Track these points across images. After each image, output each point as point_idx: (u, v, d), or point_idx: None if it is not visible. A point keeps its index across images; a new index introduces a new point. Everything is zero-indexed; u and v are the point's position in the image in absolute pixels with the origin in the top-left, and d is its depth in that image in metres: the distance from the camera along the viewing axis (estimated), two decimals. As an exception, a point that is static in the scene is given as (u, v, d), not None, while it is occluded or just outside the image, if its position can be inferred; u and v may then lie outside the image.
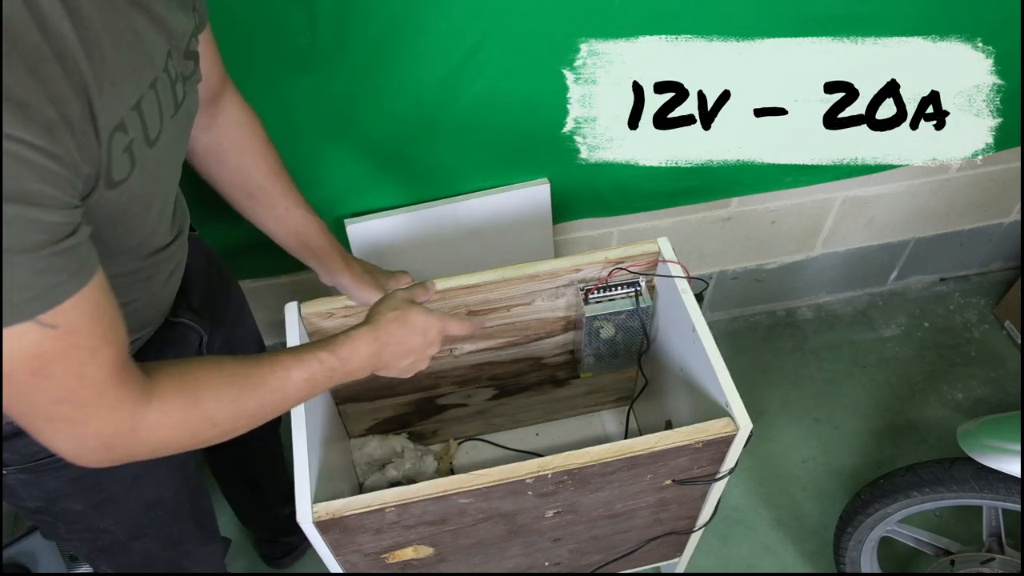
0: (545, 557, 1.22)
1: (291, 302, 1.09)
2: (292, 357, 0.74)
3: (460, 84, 1.15)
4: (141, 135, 0.63)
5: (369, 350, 0.81)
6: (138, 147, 0.63)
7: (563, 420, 1.58)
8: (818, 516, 1.61)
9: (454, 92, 1.16)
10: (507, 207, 1.36)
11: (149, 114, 0.64)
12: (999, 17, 1.22)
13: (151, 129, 0.65)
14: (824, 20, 1.17)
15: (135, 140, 0.62)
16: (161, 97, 0.66)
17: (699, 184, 1.44)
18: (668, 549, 1.33)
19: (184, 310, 0.91)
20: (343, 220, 1.34)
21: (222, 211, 0.97)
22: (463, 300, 1.15)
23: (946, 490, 1.17)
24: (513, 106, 1.21)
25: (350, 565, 1.05)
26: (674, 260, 1.13)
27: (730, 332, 1.91)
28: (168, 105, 0.68)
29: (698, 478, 1.07)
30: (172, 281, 0.85)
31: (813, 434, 1.73)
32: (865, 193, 1.63)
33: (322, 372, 0.76)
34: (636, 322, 1.21)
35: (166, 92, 0.67)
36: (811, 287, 1.91)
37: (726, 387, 1.01)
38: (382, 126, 1.20)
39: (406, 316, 0.86)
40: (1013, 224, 1.85)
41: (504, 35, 1.10)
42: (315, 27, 1.03)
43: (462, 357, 1.28)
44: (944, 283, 1.99)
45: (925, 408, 1.76)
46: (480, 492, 0.95)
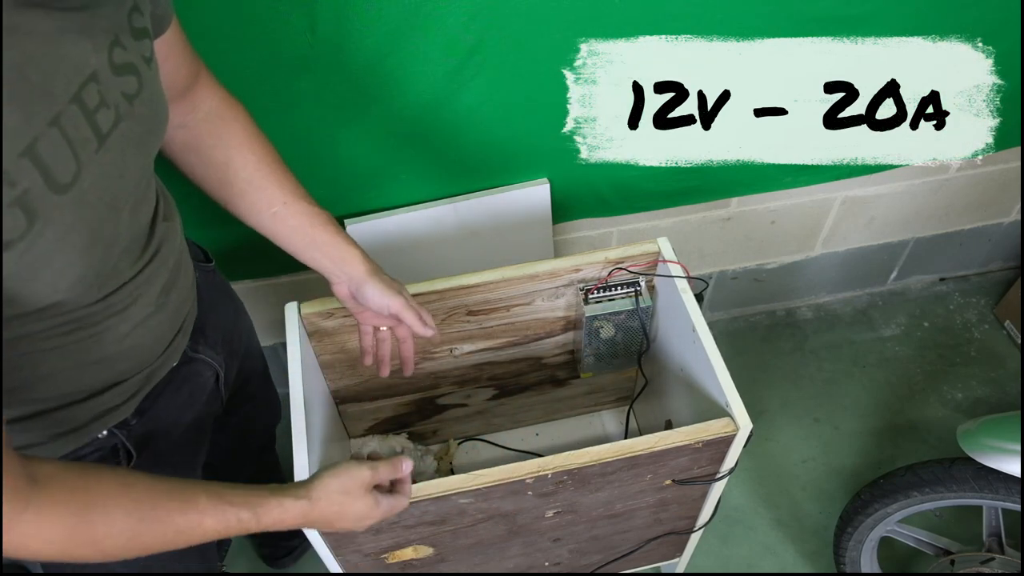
0: (545, 557, 1.22)
1: (291, 302, 1.09)
2: (210, 504, 0.67)
3: (460, 84, 1.15)
4: (40, 183, 0.55)
5: (294, 522, 0.75)
6: (38, 197, 0.55)
7: (563, 420, 1.58)
8: (818, 516, 1.61)
9: (454, 92, 1.16)
10: (507, 207, 1.36)
11: (52, 156, 0.56)
12: (999, 17, 1.22)
13: (58, 173, 0.57)
14: (824, 20, 1.17)
15: (29, 190, 0.55)
16: (70, 133, 0.58)
17: (699, 184, 1.44)
18: (668, 549, 1.33)
19: (201, 345, 0.89)
20: (343, 220, 1.34)
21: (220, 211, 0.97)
22: (463, 300, 1.15)
23: (946, 490, 1.17)
24: (513, 106, 1.21)
25: (350, 565, 1.05)
26: (674, 260, 1.13)
27: (730, 332, 1.91)
28: (85, 140, 0.59)
29: (698, 478, 1.07)
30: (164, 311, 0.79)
31: (813, 434, 1.73)
32: (865, 193, 1.63)
33: (237, 527, 0.69)
34: (636, 322, 1.21)
35: (79, 126, 0.59)
36: (811, 287, 1.91)
37: (726, 387, 1.01)
38: (382, 126, 1.20)
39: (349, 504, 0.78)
40: (1013, 224, 1.85)
41: (504, 35, 1.10)
42: (315, 29, 1.03)
43: (462, 357, 1.28)
44: (944, 283, 1.99)
45: (925, 408, 1.76)
46: (480, 492, 0.95)
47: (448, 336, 1.22)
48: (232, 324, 1.02)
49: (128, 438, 0.81)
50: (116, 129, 0.63)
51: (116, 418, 0.79)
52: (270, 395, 1.25)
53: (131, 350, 0.76)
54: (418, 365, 1.27)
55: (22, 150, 0.54)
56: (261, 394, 1.20)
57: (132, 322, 0.74)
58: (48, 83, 0.56)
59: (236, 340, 1.02)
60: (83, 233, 0.61)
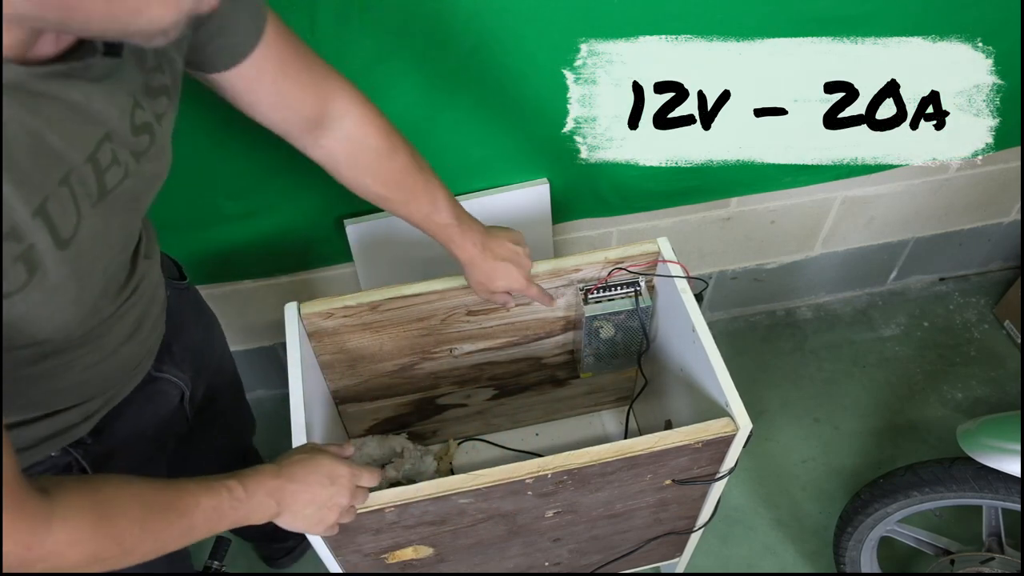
0: (545, 557, 1.22)
1: (291, 302, 1.09)
2: (200, 485, 0.71)
3: (460, 83, 1.15)
4: (48, 240, 0.57)
5: (272, 483, 0.78)
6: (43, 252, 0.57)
7: (563, 420, 1.58)
8: (818, 516, 1.61)
9: (454, 92, 1.16)
10: (507, 207, 1.36)
11: (59, 213, 0.57)
12: (999, 17, 1.22)
13: (62, 229, 0.58)
14: (824, 20, 1.17)
15: (35, 245, 0.56)
16: (77, 190, 0.59)
17: (699, 184, 1.44)
18: (668, 549, 1.33)
19: (167, 364, 0.89)
20: (343, 220, 1.34)
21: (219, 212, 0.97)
22: (463, 300, 1.15)
23: (946, 490, 1.17)
24: (513, 106, 1.21)
25: (350, 565, 1.05)
26: (674, 260, 1.13)
27: (730, 332, 1.91)
28: (88, 194, 0.61)
29: (698, 478, 1.07)
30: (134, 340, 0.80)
31: (813, 434, 1.73)
32: (865, 193, 1.63)
33: (229, 501, 0.73)
34: (636, 322, 1.21)
35: (87, 183, 0.60)
36: (811, 287, 1.91)
37: (726, 387, 1.01)
38: (382, 126, 1.20)
39: (311, 459, 0.83)
40: (1013, 224, 1.85)
41: (504, 35, 1.10)
42: (315, 29, 1.03)
43: (462, 357, 1.28)
44: (944, 283, 1.99)
45: (925, 408, 1.76)
46: (480, 492, 0.95)
47: (448, 336, 1.22)
48: (202, 341, 1.01)
49: (84, 456, 0.80)
50: (120, 186, 0.65)
51: (72, 437, 0.78)
52: (241, 411, 1.24)
53: (97, 377, 0.76)
54: (418, 365, 1.27)
55: (35, 209, 0.55)
56: (231, 410, 1.19)
57: (102, 352, 0.75)
58: (66, 146, 0.57)
59: (206, 357, 1.02)
60: (74, 283, 0.62)
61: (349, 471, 0.85)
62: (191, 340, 0.96)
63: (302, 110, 0.83)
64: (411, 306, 1.14)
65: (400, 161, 0.93)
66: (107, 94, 0.61)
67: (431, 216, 0.97)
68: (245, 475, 0.76)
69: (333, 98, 0.86)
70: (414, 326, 1.18)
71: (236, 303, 1.50)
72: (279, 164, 1.20)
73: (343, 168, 0.91)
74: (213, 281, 1.43)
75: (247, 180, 1.23)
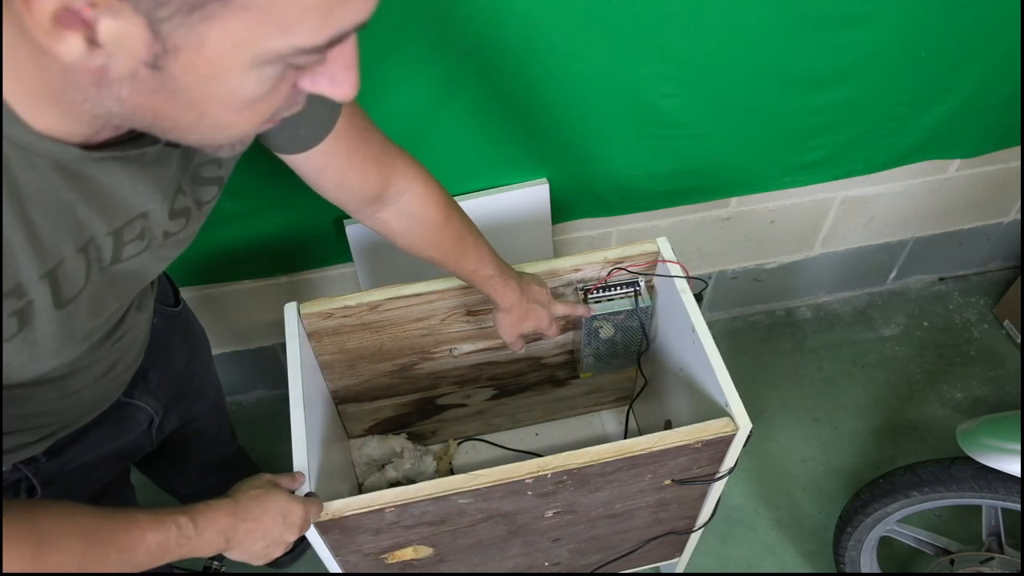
0: (545, 557, 1.22)
1: (291, 302, 1.09)
2: (150, 518, 0.69)
3: (460, 84, 1.15)
4: (48, 299, 0.57)
5: (226, 522, 0.77)
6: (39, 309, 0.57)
7: (563, 420, 1.58)
8: (818, 516, 1.61)
9: (454, 92, 1.16)
10: (507, 207, 1.36)
11: (68, 278, 0.58)
12: (999, 17, 1.22)
13: (65, 291, 0.58)
14: (824, 20, 1.17)
15: (34, 302, 0.56)
16: (92, 256, 0.60)
17: (699, 184, 1.44)
18: (668, 549, 1.33)
19: (140, 391, 0.88)
20: (343, 221, 1.34)
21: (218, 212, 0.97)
22: (462, 300, 1.15)
23: (946, 490, 1.18)
24: (513, 106, 1.20)
25: (350, 565, 1.05)
26: (673, 260, 1.13)
27: (729, 332, 1.91)
28: (99, 259, 0.61)
29: (698, 478, 1.07)
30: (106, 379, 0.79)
31: (813, 434, 1.73)
32: (864, 193, 1.63)
33: (177, 538, 0.71)
34: (635, 322, 1.21)
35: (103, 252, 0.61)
36: (810, 287, 1.91)
37: (725, 387, 1.01)
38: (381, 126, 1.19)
39: (267, 496, 0.82)
40: (1012, 223, 1.85)
41: (504, 35, 1.10)
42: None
43: (462, 357, 1.28)
44: (943, 283, 1.99)
45: (925, 408, 1.76)
46: (480, 492, 0.95)
47: (448, 336, 1.22)
48: (184, 368, 1.00)
49: (35, 475, 0.79)
50: (136, 257, 0.65)
51: (25, 455, 0.77)
52: (221, 431, 1.24)
53: (65, 408, 0.75)
54: (417, 365, 1.27)
55: (45, 272, 0.55)
56: (210, 430, 1.18)
57: (74, 387, 0.74)
58: (96, 219, 0.58)
59: (187, 381, 1.01)
60: (63, 337, 0.62)
61: (302, 509, 0.86)
62: (173, 366, 0.96)
63: (364, 191, 0.85)
64: (411, 306, 1.14)
65: (452, 229, 0.95)
66: (153, 178, 0.61)
67: (477, 271, 1.00)
68: (198, 511, 0.74)
69: (395, 177, 0.87)
70: (414, 326, 1.18)
71: (236, 303, 1.50)
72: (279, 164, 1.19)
73: (398, 238, 0.94)
74: (213, 281, 1.43)
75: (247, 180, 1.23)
